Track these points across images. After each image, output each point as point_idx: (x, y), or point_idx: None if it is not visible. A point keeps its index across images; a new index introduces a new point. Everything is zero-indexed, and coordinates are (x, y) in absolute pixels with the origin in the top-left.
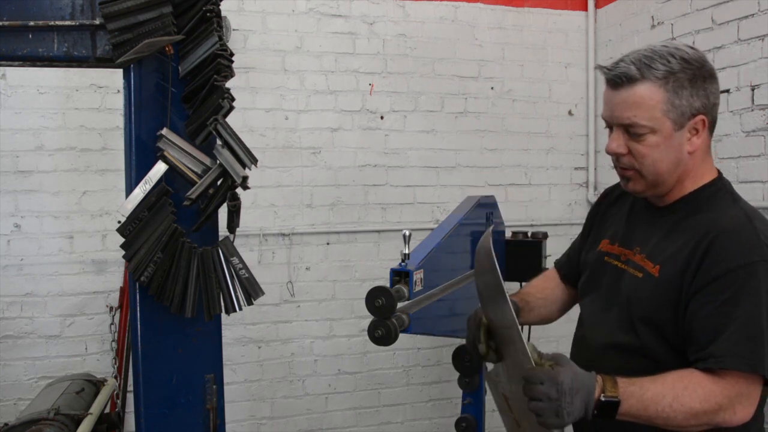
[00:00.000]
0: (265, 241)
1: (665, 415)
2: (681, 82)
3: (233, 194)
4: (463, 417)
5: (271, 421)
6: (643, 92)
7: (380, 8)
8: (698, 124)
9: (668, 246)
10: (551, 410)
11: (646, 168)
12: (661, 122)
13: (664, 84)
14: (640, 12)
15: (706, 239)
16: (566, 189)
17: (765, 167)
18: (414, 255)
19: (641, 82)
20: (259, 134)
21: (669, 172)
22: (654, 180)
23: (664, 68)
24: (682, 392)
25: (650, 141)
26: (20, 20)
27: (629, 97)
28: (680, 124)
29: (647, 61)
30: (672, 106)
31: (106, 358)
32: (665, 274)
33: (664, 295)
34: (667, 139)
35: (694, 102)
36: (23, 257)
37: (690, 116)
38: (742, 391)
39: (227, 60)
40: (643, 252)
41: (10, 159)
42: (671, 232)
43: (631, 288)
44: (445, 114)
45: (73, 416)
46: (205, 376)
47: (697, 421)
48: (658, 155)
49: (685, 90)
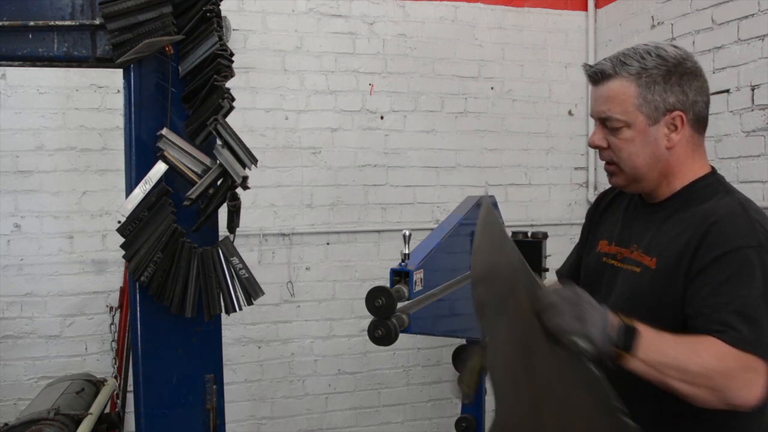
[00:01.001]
0: (265, 241)
1: (682, 364)
2: (653, 77)
3: (233, 194)
4: (463, 417)
5: (271, 421)
6: (616, 87)
7: (380, 8)
8: (676, 120)
9: (663, 238)
10: (572, 314)
11: (623, 161)
12: (633, 116)
13: (636, 79)
14: (640, 12)
15: (703, 226)
16: (566, 189)
17: (765, 167)
18: (414, 255)
19: (615, 77)
20: (259, 134)
21: (647, 166)
22: (633, 174)
23: (638, 64)
24: (699, 346)
25: (625, 135)
26: (20, 20)
27: (604, 92)
28: (654, 119)
29: (623, 59)
30: (644, 101)
31: (106, 358)
32: (662, 264)
33: (663, 283)
34: (642, 134)
35: (668, 98)
36: (23, 257)
37: (665, 111)
38: (750, 365)
39: (227, 60)
40: (639, 248)
41: (10, 159)
42: (665, 224)
43: (630, 285)
44: (445, 114)
45: (73, 416)
46: (205, 376)
47: (711, 380)
48: (634, 149)
49: (657, 85)
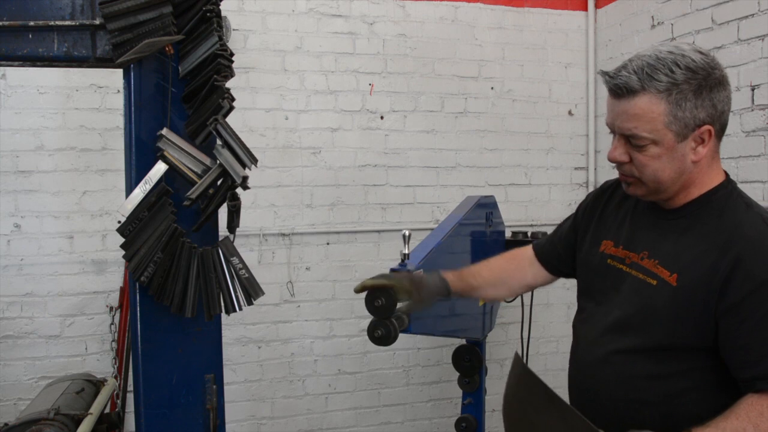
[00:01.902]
0: (265, 241)
1: None
2: (684, 93)
3: (233, 194)
4: (463, 417)
5: (271, 421)
6: (644, 105)
7: (380, 8)
8: (704, 134)
9: (683, 253)
10: None
11: (646, 176)
12: (662, 134)
13: (667, 96)
14: (640, 12)
15: (731, 250)
16: (566, 189)
17: (765, 167)
18: (414, 255)
19: (642, 93)
20: (259, 134)
21: (672, 180)
22: (656, 187)
23: (667, 79)
24: (758, 419)
25: (652, 152)
26: (20, 20)
27: (630, 109)
28: (683, 136)
29: (650, 71)
30: (674, 118)
31: (106, 358)
32: (685, 284)
33: (684, 301)
34: (670, 150)
35: (699, 113)
36: (23, 257)
37: (694, 127)
38: None
39: (227, 60)
40: (654, 257)
41: (10, 159)
42: (684, 237)
43: (644, 296)
44: (445, 114)
45: (73, 416)
46: (205, 376)
47: None
48: (660, 165)
49: (688, 102)
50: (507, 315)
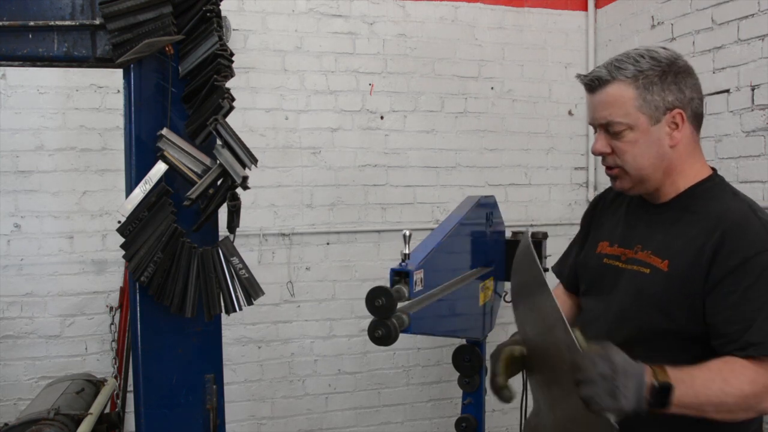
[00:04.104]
0: (265, 241)
1: (717, 400)
2: (650, 78)
3: (233, 194)
4: (463, 417)
5: (271, 421)
6: (615, 91)
7: (380, 8)
8: (676, 118)
9: (674, 241)
10: (606, 390)
11: (628, 164)
12: (635, 117)
13: (634, 81)
14: (640, 12)
15: (717, 231)
16: (566, 189)
17: (765, 167)
18: (414, 255)
19: (612, 82)
20: (259, 134)
21: (652, 166)
22: (638, 175)
23: (633, 68)
24: (729, 375)
25: (629, 137)
26: (20, 20)
27: (603, 98)
28: (656, 119)
29: (617, 64)
30: (644, 102)
31: (106, 358)
32: (675, 268)
33: (677, 285)
34: (645, 134)
35: (667, 96)
36: (23, 257)
37: (665, 110)
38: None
39: (227, 60)
40: (647, 248)
41: (10, 159)
42: (674, 227)
43: (638, 284)
44: (445, 114)
45: (73, 416)
46: (205, 376)
47: (746, 404)
48: (638, 150)
49: (655, 86)
50: (507, 315)
